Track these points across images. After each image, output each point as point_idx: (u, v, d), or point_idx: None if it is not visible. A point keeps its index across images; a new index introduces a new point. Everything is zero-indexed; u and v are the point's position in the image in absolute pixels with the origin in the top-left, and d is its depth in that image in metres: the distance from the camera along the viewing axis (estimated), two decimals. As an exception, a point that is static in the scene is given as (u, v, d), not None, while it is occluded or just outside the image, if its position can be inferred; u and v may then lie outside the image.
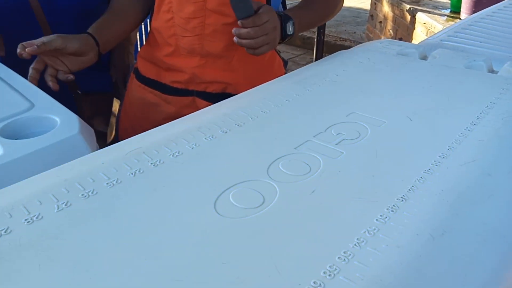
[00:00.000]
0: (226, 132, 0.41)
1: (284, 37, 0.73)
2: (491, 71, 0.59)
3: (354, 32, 2.84)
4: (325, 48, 1.79)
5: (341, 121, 0.44)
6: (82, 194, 0.31)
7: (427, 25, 1.75)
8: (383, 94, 0.50)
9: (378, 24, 2.19)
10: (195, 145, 0.39)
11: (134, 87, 0.82)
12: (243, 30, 0.66)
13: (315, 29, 1.83)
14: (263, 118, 0.44)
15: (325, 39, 1.83)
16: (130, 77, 0.84)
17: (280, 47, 0.82)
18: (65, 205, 0.30)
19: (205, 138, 0.40)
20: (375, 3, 2.40)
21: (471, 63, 0.58)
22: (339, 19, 3.01)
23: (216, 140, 0.40)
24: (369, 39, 2.36)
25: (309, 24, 0.81)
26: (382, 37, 2.15)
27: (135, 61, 0.88)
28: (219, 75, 0.75)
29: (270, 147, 0.39)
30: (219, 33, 0.71)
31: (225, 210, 0.31)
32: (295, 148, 0.39)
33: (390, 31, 2.02)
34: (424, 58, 0.64)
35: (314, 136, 0.41)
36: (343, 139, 0.41)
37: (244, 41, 0.65)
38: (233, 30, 0.66)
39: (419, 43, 0.81)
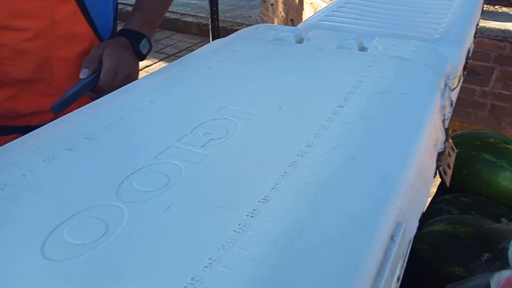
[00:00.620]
0: (71, 150, 0.35)
1: (142, 58, 0.69)
2: (362, 48, 0.60)
3: (250, 16, 2.85)
4: (222, 34, 1.76)
5: (210, 118, 0.41)
6: None
7: (314, 5, 1.81)
8: (256, 83, 0.48)
9: (270, 7, 2.21)
10: (29, 171, 0.32)
11: None
12: (96, 96, 0.61)
13: (209, 16, 1.78)
14: (120, 126, 0.39)
15: (221, 25, 1.79)
16: None
17: (176, 36, 0.77)
18: None
19: (44, 161, 0.34)
20: (268, -15, 2.40)
21: (343, 42, 0.59)
22: (233, 3, 3.00)
23: (57, 162, 0.34)
24: (264, 22, 2.38)
25: (158, 20, 0.76)
26: (275, 20, 2.17)
27: None
28: (41, 103, 0.63)
29: (124, 161, 0.34)
30: (22, 54, 0.59)
31: (55, 252, 0.25)
32: (154, 158, 0.35)
33: (282, 13, 2.05)
34: (300, 41, 0.63)
35: (178, 140, 0.37)
36: (210, 139, 0.38)
37: None
38: (88, 95, 0.61)
39: (298, 25, 0.80)
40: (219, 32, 1.69)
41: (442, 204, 0.87)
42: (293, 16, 1.94)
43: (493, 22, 1.70)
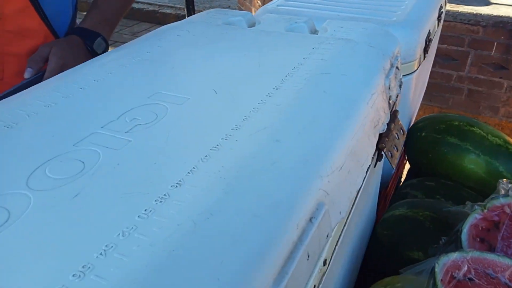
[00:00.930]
0: (-13, 138, 0.34)
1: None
2: (314, 31, 0.59)
3: (228, 6, 2.82)
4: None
5: (141, 104, 0.40)
6: None
7: (291, -7, 1.78)
8: (195, 68, 0.47)
9: (247, -5, 2.19)
10: None
11: None
12: None
13: (182, 6, 1.75)
14: (44, 113, 0.38)
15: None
16: None
17: (155, 28, 0.73)
18: None
19: (-46, 151, 0.32)
20: (245, -26, 2.37)
21: (293, 25, 0.57)
22: (212, -7, 2.96)
23: (-32, 151, 0.32)
24: (243, 12, 2.35)
25: (117, 19, 0.73)
26: (252, 9, 2.15)
27: None
28: None
29: (40, 149, 0.33)
30: None
31: None
32: (74, 145, 0.34)
33: (259, 2, 2.03)
34: (252, 25, 0.62)
35: (102, 127, 0.36)
36: (136, 125, 0.36)
37: None
38: None
39: (257, 10, 0.79)
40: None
41: (407, 188, 0.87)
42: (268, 4, 1.92)
43: (465, 7, 1.70)
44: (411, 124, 0.96)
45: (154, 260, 0.23)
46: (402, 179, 1.10)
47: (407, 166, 1.02)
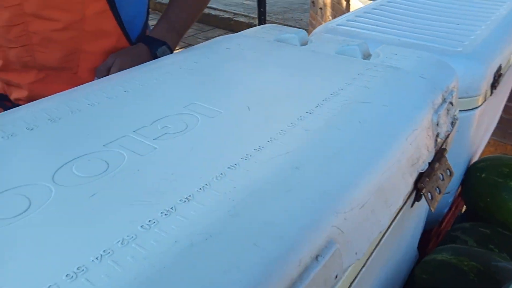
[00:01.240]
0: (32, 129, 0.37)
1: None
2: (367, 55, 0.57)
3: (301, 19, 2.83)
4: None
5: (175, 112, 0.41)
6: None
7: (362, 11, 1.74)
8: (235, 82, 0.47)
9: (319, 11, 2.17)
10: (-18, 145, 0.34)
11: None
12: None
13: (256, 16, 1.79)
14: (87, 111, 0.40)
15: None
16: None
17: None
18: None
19: (2, 137, 0.35)
20: (318, -11, 2.35)
21: (344, 47, 0.56)
22: (286, 6, 2.99)
23: (14, 139, 0.35)
24: (312, 26, 2.34)
25: (185, 28, 0.76)
26: (323, 23, 2.13)
27: None
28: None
29: (74, 145, 0.35)
30: (52, 42, 0.63)
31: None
32: (104, 145, 0.35)
33: (330, 17, 2.01)
34: (305, 43, 0.61)
35: (134, 131, 0.37)
36: (165, 133, 0.37)
37: None
38: None
39: (316, 28, 0.78)
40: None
41: (458, 231, 0.80)
42: (337, 20, 1.88)
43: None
44: (472, 162, 0.88)
45: (144, 275, 0.23)
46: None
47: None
